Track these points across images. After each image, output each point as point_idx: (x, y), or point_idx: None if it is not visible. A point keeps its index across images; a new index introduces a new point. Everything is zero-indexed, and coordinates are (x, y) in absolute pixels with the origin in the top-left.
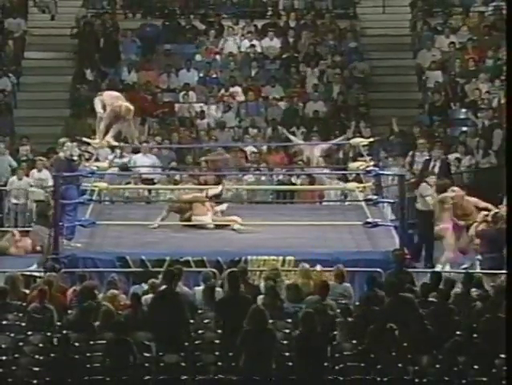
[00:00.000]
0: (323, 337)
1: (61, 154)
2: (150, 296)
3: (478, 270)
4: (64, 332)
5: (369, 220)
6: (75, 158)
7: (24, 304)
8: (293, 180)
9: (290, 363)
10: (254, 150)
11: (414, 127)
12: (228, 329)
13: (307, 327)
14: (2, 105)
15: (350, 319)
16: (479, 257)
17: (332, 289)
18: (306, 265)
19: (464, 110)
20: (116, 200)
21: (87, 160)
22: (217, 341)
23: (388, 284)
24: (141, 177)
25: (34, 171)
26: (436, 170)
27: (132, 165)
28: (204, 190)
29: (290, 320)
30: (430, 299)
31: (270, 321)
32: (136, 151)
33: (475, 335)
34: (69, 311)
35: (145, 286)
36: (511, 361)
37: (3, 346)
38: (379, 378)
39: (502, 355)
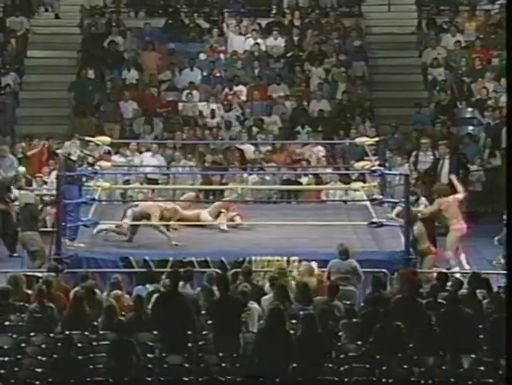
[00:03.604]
0: (326, 338)
1: (59, 151)
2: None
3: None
4: (67, 333)
5: (374, 220)
6: (73, 158)
7: (27, 305)
8: (299, 179)
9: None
10: (268, 148)
11: (412, 128)
12: (219, 331)
13: (308, 328)
14: (3, 104)
15: (355, 320)
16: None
17: (338, 266)
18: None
19: (470, 109)
20: (118, 199)
21: (90, 164)
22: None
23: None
24: (146, 177)
25: None
26: (446, 169)
27: (139, 165)
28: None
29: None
30: (439, 300)
31: None
32: (142, 150)
33: (481, 336)
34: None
35: (150, 287)
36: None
37: (5, 346)
38: (384, 380)
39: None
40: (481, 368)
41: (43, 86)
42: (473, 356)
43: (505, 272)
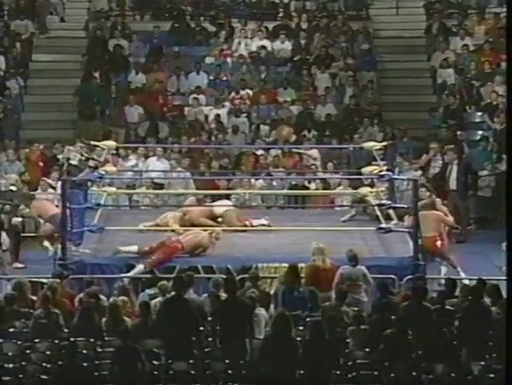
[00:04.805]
0: (334, 345)
1: (59, 157)
2: (158, 300)
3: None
4: (72, 339)
5: (382, 225)
6: (74, 162)
7: (31, 311)
8: (306, 184)
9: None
10: (277, 153)
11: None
12: (225, 334)
13: (316, 335)
14: (8, 108)
15: (363, 327)
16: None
17: (348, 273)
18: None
19: (479, 113)
20: (124, 204)
21: (93, 167)
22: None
23: (415, 289)
24: (153, 182)
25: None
26: (454, 174)
27: (145, 169)
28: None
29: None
30: (447, 307)
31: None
32: (149, 155)
33: (490, 343)
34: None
35: (151, 291)
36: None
37: (10, 353)
38: None
39: None
40: (491, 375)
41: (48, 90)
42: (482, 363)
43: (504, 278)
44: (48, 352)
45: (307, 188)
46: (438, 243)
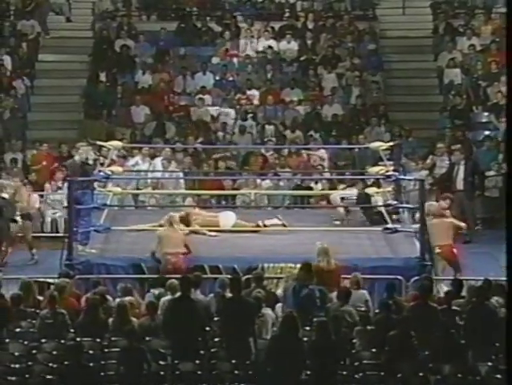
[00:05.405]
0: (340, 345)
1: (76, 158)
2: (167, 298)
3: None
4: (78, 339)
5: (389, 225)
6: (90, 162)
7: (38, 311)
8: (312, 184)
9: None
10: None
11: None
12: (231, 334)
13: (322, 336)
14: (15, 108)
15: (369, 327)
16: None
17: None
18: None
19: (486, 113)
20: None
21: (102, 164)
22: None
23: (422, 290)
24: (158, 182)
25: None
26: (461, 174)
27: (152, 169)
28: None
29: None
30: (453, 308)
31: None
32: (156, 155)
33: (497, 344)
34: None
35: (156, 291)
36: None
37: (17, 353)
38: None
39: None
40: (498, 376)
41: (55, 90)
42: (489, 364)
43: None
44: (54, 352)
45: (312, 188)
46: (455, 250)
